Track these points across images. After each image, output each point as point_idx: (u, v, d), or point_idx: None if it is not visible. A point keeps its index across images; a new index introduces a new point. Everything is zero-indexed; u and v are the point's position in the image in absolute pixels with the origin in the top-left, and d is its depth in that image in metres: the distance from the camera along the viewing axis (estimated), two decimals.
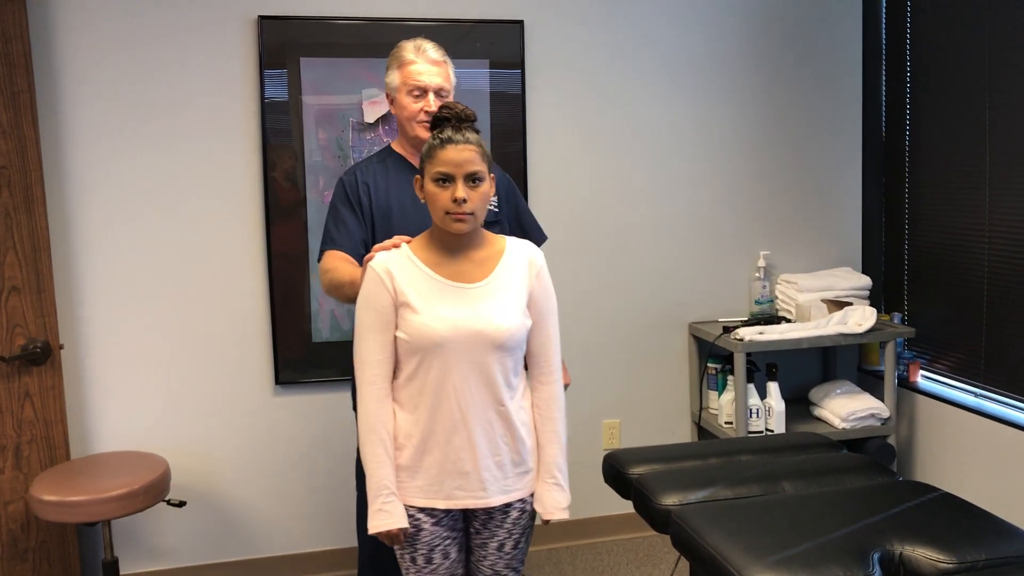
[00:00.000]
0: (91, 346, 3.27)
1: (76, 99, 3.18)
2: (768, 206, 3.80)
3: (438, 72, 2.53)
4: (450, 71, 2.59)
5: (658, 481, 2.20)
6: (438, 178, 2.00)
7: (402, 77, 2.53)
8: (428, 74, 2.51)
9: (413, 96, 2.52)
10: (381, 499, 2.05)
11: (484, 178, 2.03)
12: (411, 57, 2.52)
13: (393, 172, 2.61)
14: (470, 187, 2.00)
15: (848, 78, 3.82)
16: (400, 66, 2.54)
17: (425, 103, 2.52)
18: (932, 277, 3.56)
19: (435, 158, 2.01)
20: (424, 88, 2.51)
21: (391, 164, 2.63)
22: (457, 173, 1.99)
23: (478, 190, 2.01)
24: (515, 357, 2.08)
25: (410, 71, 2.52)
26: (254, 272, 3.38)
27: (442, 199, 2.00)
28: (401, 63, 2.54)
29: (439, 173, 2.00)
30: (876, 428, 3.47)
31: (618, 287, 3.70)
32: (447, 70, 2.57)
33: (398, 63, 2.55)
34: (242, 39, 3.29)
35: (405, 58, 2.53)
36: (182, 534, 3.41)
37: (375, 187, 2.58)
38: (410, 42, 2.56)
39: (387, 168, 2.62)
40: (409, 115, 2.54)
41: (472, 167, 2.00)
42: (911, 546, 1.79)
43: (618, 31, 3.59)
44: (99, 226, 3.24)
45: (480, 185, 2.02)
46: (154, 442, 3.35)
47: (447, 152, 1.99)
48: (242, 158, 3.33)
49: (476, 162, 2.00)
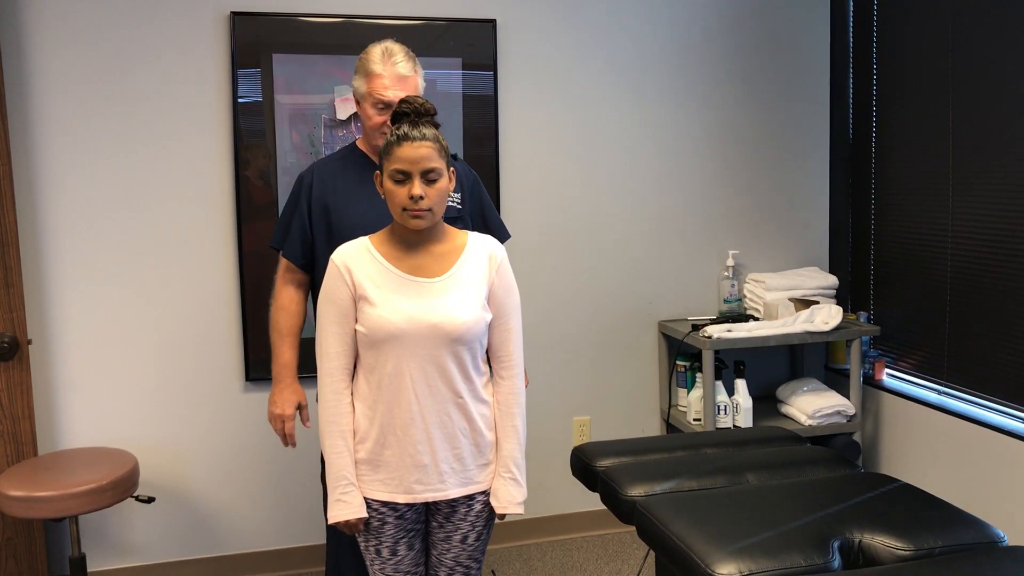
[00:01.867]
0: (60, 341, 3.25)
1: (45, 93, 3.17)
2: (737, 206, 3.85)
3: (404, 88, 2.47)
4: (419, 81, 2.54)
5: (624, 473, 2.23)
6: (395, 176, 2.01)
7: (368, 87, 2.48)
8: (393, 89, 2.46)
9: (377, 109, 2.48)
10: (340, 489, 2.07)
11: (442, 174, 2.03)
12: (378, 69, 2.46)
13: (352, 170, 2.60)
14: (427, 184, 2.01)
15: (816, 80, 3.88)
16: (367, 75, 2.48)
17: (388, 117, 2.48)
18: (898, 277, 3.62)
19: (392, 155, 2.01)
20: (388, 103, 2.47)
21: (351, 161, 2.61)
22: (414, 170, 1.99)
23: (435, 187, 2.02)
24: (473, 351, 2.09)
25: (376, 84, 2.46)
26: (225, 269, 3.37)
27: (399, 196, 2.01)
28: (367, 73, 2.48)
29: (396, 171, 2.00)
30: (842, 425, 3.52)
31: (589, 285, 3.73)
32: (415, 82, 2.52)
33: (364, 71, 2.49)
34: (214, 35, 3.29)
35: (372, 69, 2.47)
36: (151, 530, 3.40)
37: (328, 186, 2.56)
38: (378, 47, 2.49)
39: (346, 165, 2.60)
40: (373, 126, 2.51)
41: (428, 164, 2.00)
42: (870, 534, 1.83)
43: (587, 32, 3.63)
44: (68, 221, 3.23)
45: (438, 181, 2.02)
46: (123, 438, 3.34)
47: (403, 150, 1.99)
48: (213, 154, 3.33)
49: (433, 159, 2.00)
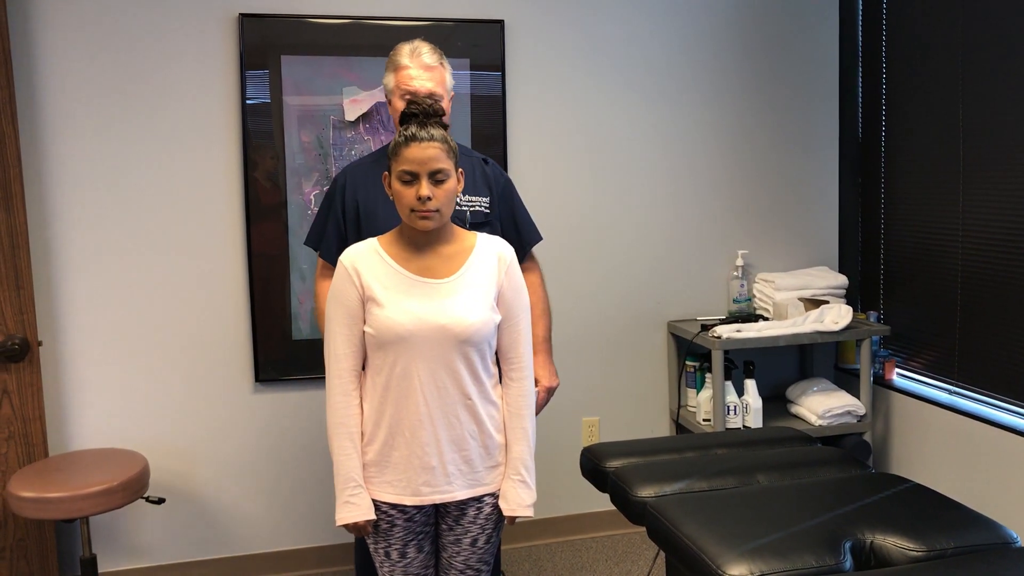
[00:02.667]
0: (70, 343, 3.26)
1: (56, 96, 3.18)
2: (746, 206, 3.84)
3: (430, 77, 2.55)
4: (446, 75, 2.61)
5: (634, 474, 2.22)
6: (403, 176, 2.01)
7: (396, 81, 2.56)
8: (420, 79, 2.54)
9: (406, 100, 2.54)
10: (348, 491, 2.07)
11: (450, 175, 2.03)
12: (405, 62, 2.55)
13: (383, 172, 2.62)
14: (435, 185, 2.01)
15: (825, 78, 3.87)
16: (395, 70, 2.57)
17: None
18: (907, 276, 3.60)
19: (400, 156, 2.01)
20: (415, 92, 2.53)
21: (384, 164, 2.65)
22: (421, 171, 1.99)
23: (443, 187, 2.02)
24: (482, 352, 2.08)
25: (403, 76, 2.55)
26: (234, 271, 3.38)
27: (407, 197, 2.01)
28: (396, 67, 2.57)
29: (403, 172, 2.00)
30: (852, 425, 3.51)
31: (598, 286, 3.73)
32: (442, 74, 2.58)
33: (394, 66, 2.58)
34: (223, 37, 3.29)
35: (400, 62, 2.56)
36: (161, 531, 3.41)
37: (359, 187, 2.61)
38: (407, 44, 2.58)
39: (379, 167, 2.65)
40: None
41: (436, 165, 2.00)
42: (882, 535, 1.82)
43: (596, 32, 3.62)
44: (78, 223, 3.24)
45: (445, 182, 2.02)
46: (133, 439, 3.35)
47: (411, 150, 1.99)
48: (222, 156, 3.34)
49: (440, 159, 2.00)
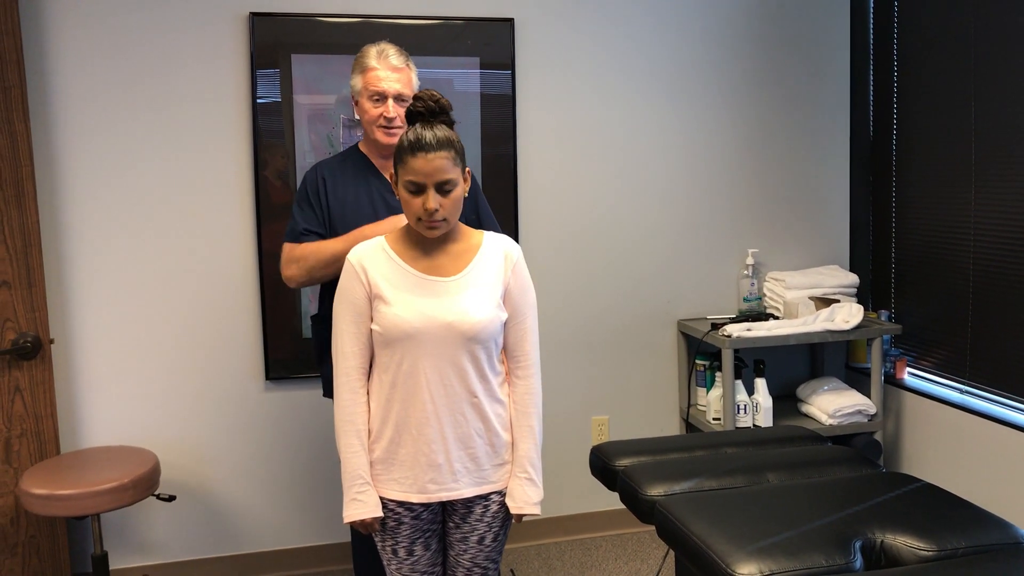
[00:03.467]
0: (81, 341, 3.28)
1: (67, 95, 3.19)
2: (757, 204, 3.83)
3: (398, 78, 2.59)
4: (412, 76, 2.65)
5: (644, 472, 2.22)
6: (409, 187, 1.99)
7: (363, 82, 2.60)
8: (388, 80, 2.57)
9: (373, 101, 2.59)
10: (355, 488, 2.08)
11: (457, 183, 2.01)
12: (373, 63, 2.58)
13: (352, 170, 2.68)
14: (442, 195, 2.00)
15: (836, 76, 3.85)
16: (362, 71, 2.60)
17: (384, 109, 2.58)
18: (919, 275, 3.59)
19: (406, 165, 1.99)
20: (383, 93, 2.57)
21: (351, 163, 2.70)
22: (428, 182, 1.98)
23: (451, 196, 2.01)
24: (489, 350, 2.08)
25: (371, 76, 2.58)
26: (245, 269, 3.39)
27: (414, 206, 2.01)
28: (364, 68, 2.60)
29: (410, 182, 1.99)
30: (863, 424, 3.49)
31: (608, 284, 3.72)
32: (408, 75, 2.63)
33: (361, 68, 2.61)
34: (233, 36, 3.30)
35: (367, 64, 2.59)
36: (172, 529, 3.42)
37: (331, 184, 2.64)
38: (374, 47, 2.62)
39: (346, 166, 2.69)
40: (369, 119, 2.61)
41: (443, 176, 1.98)
42: (892, 534, 1.82)
43: (607, 31, 3.62)
44: (90, 221, 3.25)
45: (453, 191, 2.01)
46: (144, 437, 3.36)
47: (417, 161, 1.96)
48: (233, 155, 3.34)
49: (447, 169, 1.98)
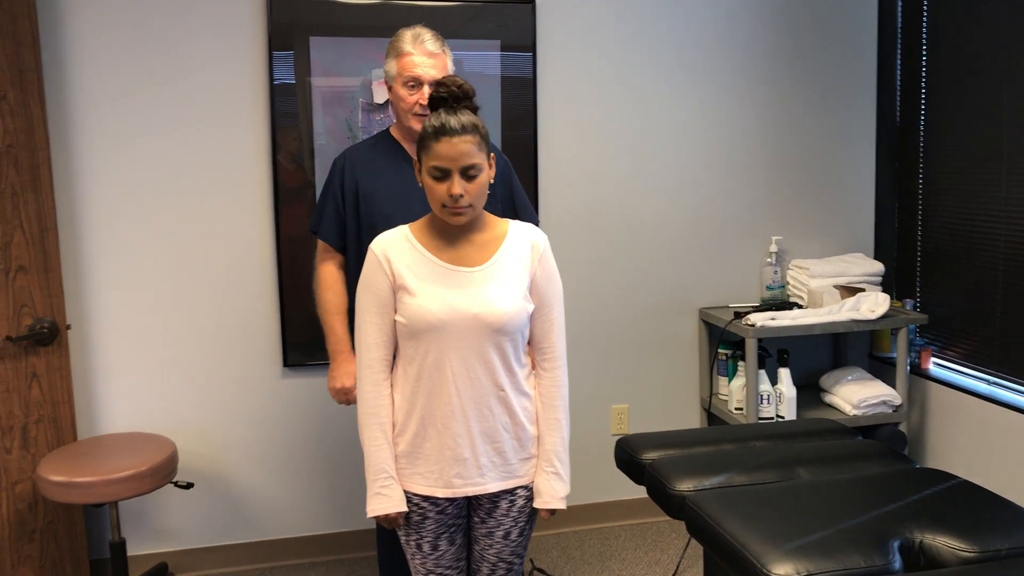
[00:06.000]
0: (98, 326, 3.25)
1: (83, 78, 3.15)
2: (780, 191, 3.77)
3: (434, 64, 2.53)
4: (448, 62, 2.59)
5: (672, 466, 2.18)
6: (433, 172, 1.95)
7: (398, 67, 2.54)
8: (423, 66, 2.51)
9: (408, 87, 2.53)
10: (379, 483, 2.04)
11: (482, 168, 1.96)
12: (408, 48, 2.52)
13: (382, 156, 2.64)
14: (467, 180, 1.95)
15: (863, 59, 3.78)
16: (397, 56, 2.54)
17: (420, 95, 2.53)
18: (946, 263, 3.52)
19: (430, 151, 1.94)
20: (419, 79, 2.52)
21: (382, 148, 2.66)
22: (453, 167, 1.93)
23: (476, 182, 1.96)
24: (515, 342, 2.04)
25: (406, 62, 2.52)
26: (262, 254, 3.35)
27: (438, 192, 1.96)
28: (399, 53, 2.54)
29: (434, 167, 1.94)
30: (888, 415, 3.44)
31: (628, 272, 3.67)
32: (444, 61, 2.57)
33: (396, 53, 2.55)
34: (251, 18, 3.25)
35: (402, 48, 2.53)
36: (190, 515, 3.40)
37: (359, 170, 2.61)
38: (409, 31, 2.55)
39: (377, 151, 2.65)
40: (405, 107, 2.56)
41: (468, 160, 1.93)
42: (931, 534, 1.77)
43: (630, 13, 3.55)
44: (106, 206, 3.22)
45: (478, 176, 1.96)
46: (161, 423, 3.33)
47: (441, 146, 1.92)
48: (250, 139, 3.30)
49: (473, 154, 1.93)
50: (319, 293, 2.67)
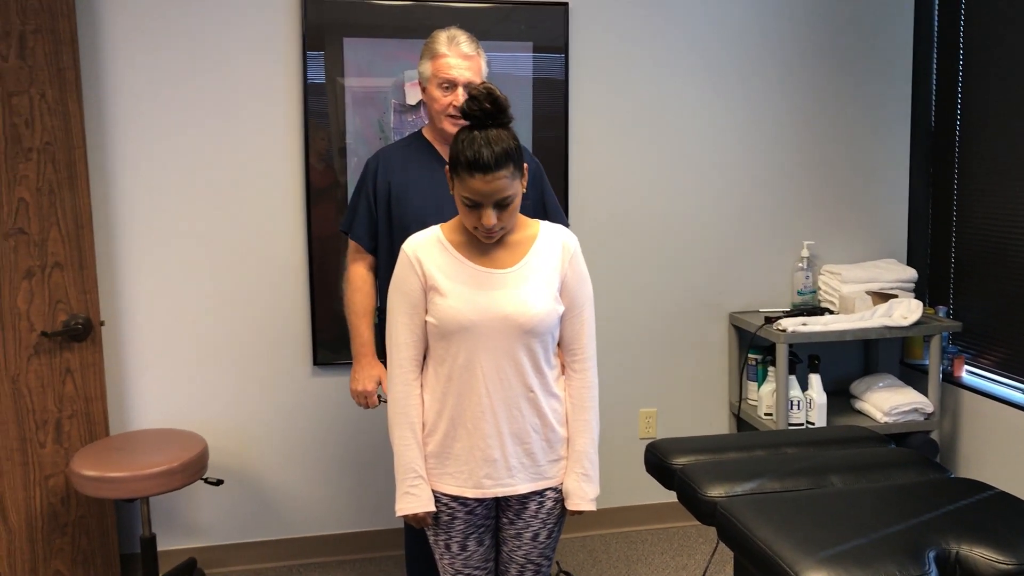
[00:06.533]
0: (131, 323, 3.28)
1: (120, 77, 3.18)
2: (812, 195, 3.74)
3: (468, 66, 2.53)
4: (482, 64, 2.60)
5: (703, 472, 2.17)
6: (466, 201, 1.94)
7: (433, 69, 2.54)
8: (458, 68, 2.52)
9: (443, 89, 2.54)
10: (408, 482, 2.05)
11: (516, 195, 1.96)
12: (443, 50, 2.53)
13: (415, 157, 2.65)
14: (500, 210, 1.95)
15: (898, 64, 3.74)
16: (432, 57, 2.55)
17: (454, 97, 2.53)
18: (980, 270, 3.48)
19: (464, 182, 1.92)
20: (453, 81, 2.52)
21: (415, 149, 2.66)
22: (486, 203, 1.94)
23: (509, 209, 1.96)
24: (545, 343, 2.04)
25: (441, 64, 2.52)
26: (294, 253, 3.37)
27: (471, 219, 1.97)
28: (433, 55, 2.54)
29: (467, 199, 1.94)
30: (919, 423, 3.41)
31: (658, 275, 3.65)
32: (479, 63, 2.57)
33: (431, 54, 2.56)
34: (285, 19, 3.27)
35: (437, 50, 2.54)
36: (219, 512, 3.43)
37: (392, 171, 2.62)
38: (444, 32, 2.56)
39: (410, 152, 2.66)
40: (439, 108, 2.56)
41: (502, 195, 1.93)
42: (968, 545, 1.75)
43: (663, 16, 3.54)
44: (141, 204, 3.25)
45: (511, 203, 1.96)
46: (192, 420, 3.36)
47: (476, 182, 1.90)
48: (284, 139, 3.32)
49: (506, 188, 1.92)
50: (348, 294, 2.68)
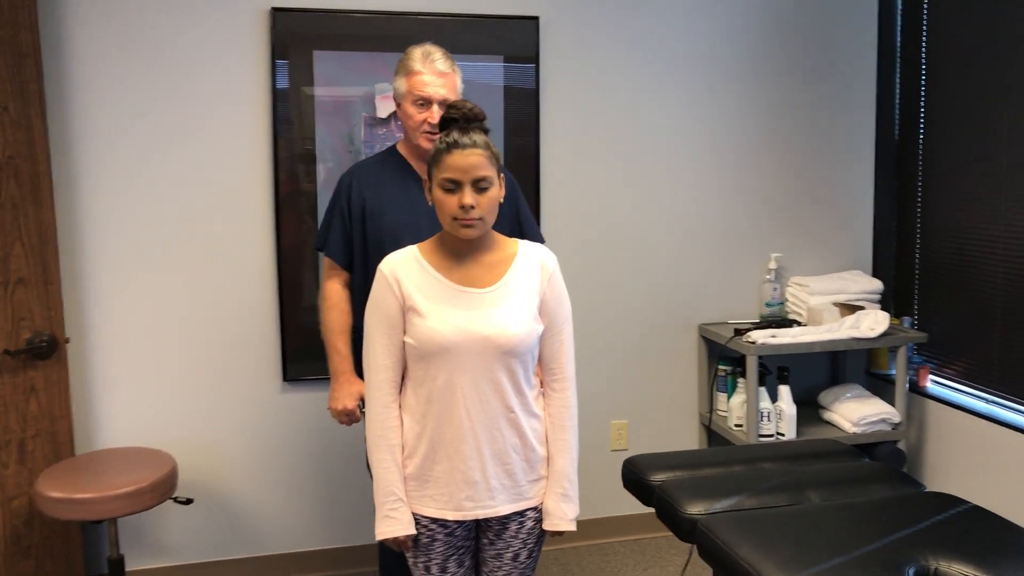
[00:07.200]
0: (97, 340, 3.22)
1: (85, 91, 3.13)
2: (779, 208, 3.78)
3: (443, 83, 2.53)
4: (457, 81, 2.59)
5: (682, 489, 2.18)
6: (445, 184, 1.96)
7: (408, 86, 2.53)
8: (433, 85, 2.51)
9: (418, 106, 2.53)
10: (388, 505, 2.03)
11: (493, 183, 1.98)
12: (418, 67, 2.52)
13: (390, 173, 2.63)
14: (478, 193, 1.96)
15: (862, 80, 3.79)
16: (407, 74, 2.54)
17: (429, 114, 2.53)
18: (944, 281, 3.54)
19: (442, 163, 1.96)
20: (429, 99, 2.52)
21: (390, 164, 2.65)
22: (464, 179, 1.94)
23: (487, 195, 1.97)
24: (525, 363, 2.04)
25: (416, 81, 2.52)
26: (263, 267, 3.33)
27: (449, 205, 1.96)
28: (408, 71, 2.54)
29: (446, 179, 1.95)
30: (887, 433, 3.45)
31: (628, 287, 3.67)
32: (454, 80, 2.57)
33: (406, 71, 2.55)
34: (254, 31, 3.24)
35: (412, 67, 2.53)
36: (188, 531, 3.37)
37: (367, 187, 2.60)
38: (418, 48, 2.55)
39: (384, 168, 2.65)
40: (413, 125, 2.55)
41: (479, 172, 1.95)
42: (946, 561, 1.77)
43: (633, 29, 3.56)
44: (106, 218, 3.19)
45: (489, 190, 1.97)
46: (160, 438, 3.31)
47: (453, 158, 1.94)
48: (252, 152, 3.28)
49: (484, 167, 1.95)
50: (324, 312, 2.65)
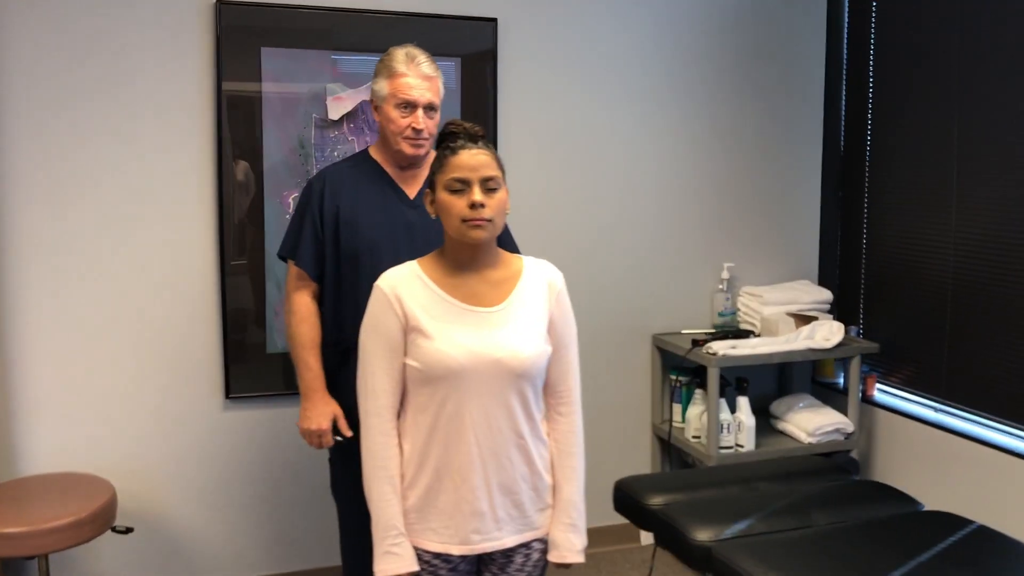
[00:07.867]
0: (21, 359, 2.95)
1: (9, 83, 2.86)
2: (730, 218, 3.77)
3: (429, 87, 2.41)
4: (440, 85, 2.47)
5: (685, 513, 2.11)
6: (453, 186, 1.86)
7: (391, 88, 2.39)
8: (419, 88, 2.39)
9: (401, 109, 2.39)
10: (389, 540, 1.90)
11: (500, 186, 1.90)
12: (402, 68, 2.39)
13: (365, 179, 2.49)
14: (486, 193, 1.87)
15: (810, 90, 3.83)
16: (390, 76, 2.40)
17: (413, 119, 2.40)
18: (891, 290, 3.59)
19: (448, 164, 1.87)
20: (414, 103, 2.39)
21: (364, 170, 2.51)
22: (473, 177, 1.85)
23: (495, 196, 1.88)
24: (536, 387, 1.95)
25: (400, 84, 2.38)
26: (204, 278, 3.12)
27: (458, 206, 1.86)
28: (392, 73, 2.40)
29: (454, 179, 1.86)
30: (840, 442, 3.49)
31: (581, 294, 3.60)
32: (438, 84, 2.45)
33: (388, 72, 2.40)
34: (198, 24, 3.02)
35: (396, 68, 2.39)
36: (127, 561, 3.13)
37: (340, 194, 2.45)
38: (401, 50, 2.42)
39: (359, 174, 2.50)
40: (395, 129, 2.41)
41: (488, 171, 1.87)
42: None
43: (587, 37, 3.49)
44: (32, 224, 2.93)
45: (497, 192, 1.89)
46: (93, 462, 3.06)
47: (461, 157, 1.86)
48: (194, 156, 3.07)
49: (492, 167, 1.88)
50: (293, 325, 2.48)
